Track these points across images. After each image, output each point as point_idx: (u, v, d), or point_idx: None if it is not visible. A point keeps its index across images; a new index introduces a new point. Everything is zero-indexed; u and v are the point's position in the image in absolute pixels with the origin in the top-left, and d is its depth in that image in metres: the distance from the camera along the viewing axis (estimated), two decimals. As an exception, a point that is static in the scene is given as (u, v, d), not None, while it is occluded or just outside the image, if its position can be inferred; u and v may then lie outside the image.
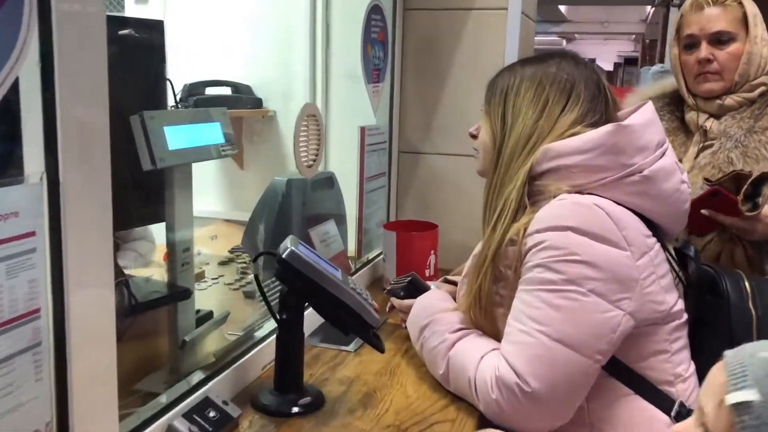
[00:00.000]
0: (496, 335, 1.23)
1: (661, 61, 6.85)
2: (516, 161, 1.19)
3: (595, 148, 1.13)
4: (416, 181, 2.14)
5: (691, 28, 1.62)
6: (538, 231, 1.12)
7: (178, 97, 2.27)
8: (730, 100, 1.61)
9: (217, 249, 2.24)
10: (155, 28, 1.27)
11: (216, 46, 2.22)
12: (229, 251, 2.19)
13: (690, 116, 1.67)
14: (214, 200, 2.54)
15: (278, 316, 1.18)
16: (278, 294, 1.18)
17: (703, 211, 1.45)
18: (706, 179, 1.52)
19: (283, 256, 1.12)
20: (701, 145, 1.64)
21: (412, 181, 2.14)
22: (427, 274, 1.86)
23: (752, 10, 1.60)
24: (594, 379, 1.12)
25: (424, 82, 2.08)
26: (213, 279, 1.90)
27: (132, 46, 1.19)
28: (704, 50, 1.59)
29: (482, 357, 1.17)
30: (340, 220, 1.89)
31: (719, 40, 1.59)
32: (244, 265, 1.96)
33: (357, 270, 1.88)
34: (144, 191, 1.20)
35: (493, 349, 1.18)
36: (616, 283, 1.09)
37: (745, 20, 1.59)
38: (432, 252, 1.87)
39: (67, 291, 0.76)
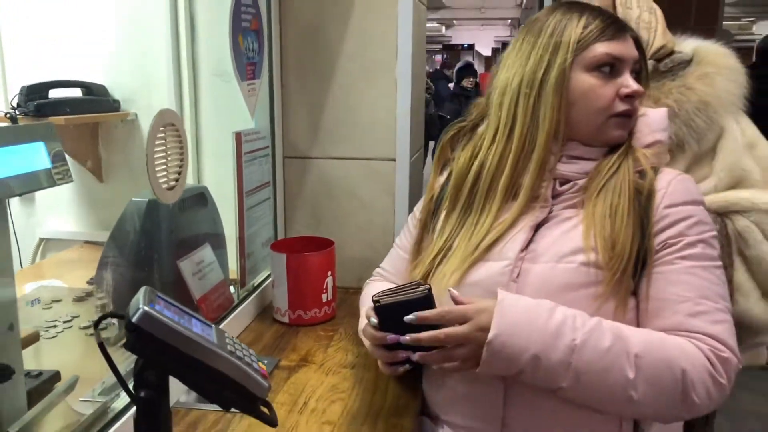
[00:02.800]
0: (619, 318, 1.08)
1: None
2: None
3: None
4: (306, 191, 1.87)
5: None
6: (684, 203, 1.11)
7: (14, 102, 1.95)
8: None
9: (72, 280, 1.92)
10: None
11: (64, 41, 1.97)
12: (88, 282, 1.87)
13: None
14: (72, 219, 2.23)
15: (134, 394, 0.89)
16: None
17: None
18: None
19: (133, 320, 0.84)
20: None
21: (301, 191, 1.87)
22: (324, 299, 1.62)
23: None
24: None
25: (308, 77, 1.81)
26: (65, 321, 1.58)
27: None
28: None
29: (680, 345, 1.04)
30: (218, 243, 1.62)
31: None
32: (106, 302, 1.64)
33: (242, 300, 1.60)
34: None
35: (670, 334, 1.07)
36: None
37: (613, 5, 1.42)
38: (329, 273, 1.62)
39: None
